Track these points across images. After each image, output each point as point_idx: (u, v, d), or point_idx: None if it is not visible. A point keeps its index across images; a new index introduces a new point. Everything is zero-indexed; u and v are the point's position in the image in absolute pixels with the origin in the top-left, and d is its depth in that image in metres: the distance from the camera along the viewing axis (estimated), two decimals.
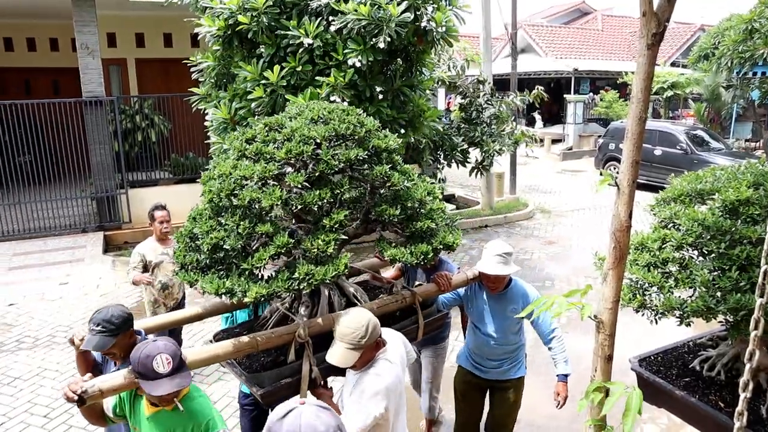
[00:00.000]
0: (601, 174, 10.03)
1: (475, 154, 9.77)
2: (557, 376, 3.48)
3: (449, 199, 12.25)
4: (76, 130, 9.34)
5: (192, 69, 7.25)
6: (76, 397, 2.10)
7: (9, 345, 6.15)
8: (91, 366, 2.88)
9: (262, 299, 2.42)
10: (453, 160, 8.83)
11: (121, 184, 9.63)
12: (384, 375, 2.50)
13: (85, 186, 9.90)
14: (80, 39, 9.20)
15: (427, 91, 7.41)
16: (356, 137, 2.71)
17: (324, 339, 2.68)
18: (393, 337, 2.75)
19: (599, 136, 17.39)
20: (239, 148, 2.67)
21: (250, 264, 2.44)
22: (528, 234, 10.30)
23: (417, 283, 3.39)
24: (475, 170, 9.80)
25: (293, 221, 2.76)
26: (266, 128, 2.75)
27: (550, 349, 3.53)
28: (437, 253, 2.87)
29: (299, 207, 2.54)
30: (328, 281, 2.51)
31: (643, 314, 2.96)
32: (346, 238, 2.76)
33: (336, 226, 2.56)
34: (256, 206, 2.47)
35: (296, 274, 2.43)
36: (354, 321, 2.48)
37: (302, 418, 1.62)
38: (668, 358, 3.30)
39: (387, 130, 6.23)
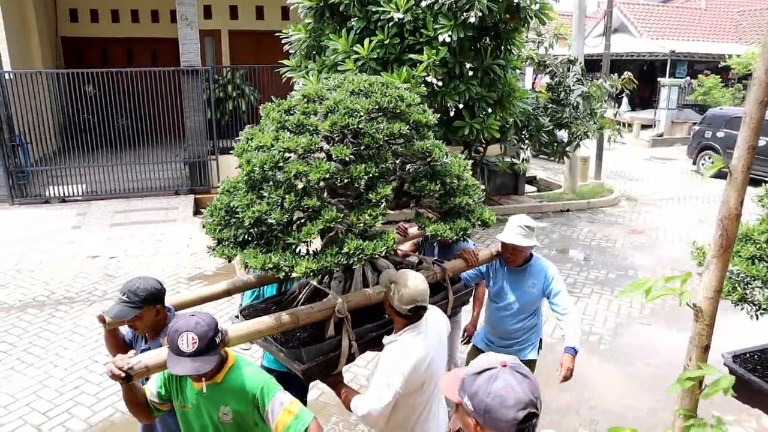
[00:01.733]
0: (694, 163, 9.59)
1: (560, 136, 9.52)
2: (566, 348, 3.35)
3: (531, 181, 12.00)
4: (172, 97, 9.85)
5: (283, 41, 7.45)
6: (123, 374, 2.00)
7: (111, 294, 6.68)
8: (120, 345, 2.78)
9: (312, 274, 2.37)
10: (538, 142, 8.63)
11: (212, 151, 10.11)
12: (406, 348, 2.45)
13: (179, 151, 10.46)
14: (180, 10, 9.63)
15: (516, 71, 7.27)
16: (397, 111, 2.64)
17: (360, 314, 2.64)
18: (434, 313, 2.70)
19: (694, 124, 16.39)
20: (278, 119, 2.57)
21: (297, 238, 2.39)
22: (612, 221, 9.95)
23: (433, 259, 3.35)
24: (558, 154, 9.56)
25: (327, 195, 2.68)
26: (305, 99, 2.65)
27: (561, 322, 3.45)
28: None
29: (345, 181, 2.48)
30: (376, 256, 2.47)
31: (742, 308, 2.84)
32: (391, 212, 2.74)
33: (382, 201, 2.52)
34: (303, 180, 2.39)
35: (345, 249, 2.38)
36: (406, 279, 2.44)
37: (495, 384, 1.48)
38: (767, 357, 3.15)
39: (475, 108, 6.30)
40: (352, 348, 2.56)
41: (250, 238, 2.48)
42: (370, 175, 2.47)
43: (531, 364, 3.62)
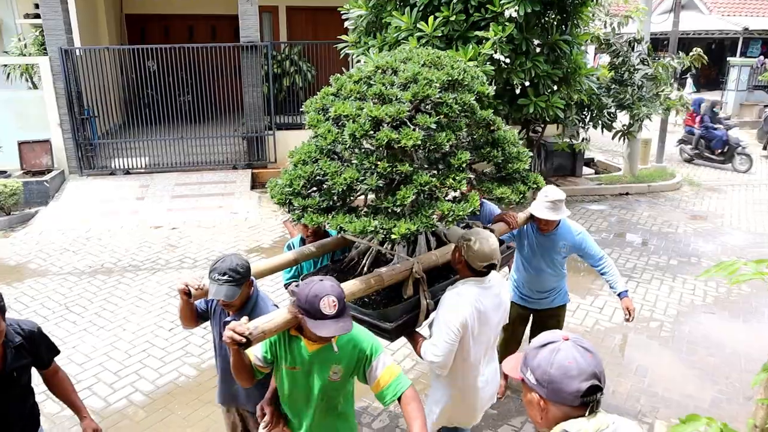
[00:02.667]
0: (764, 148, 9.08)
1: (621, 117, 9.20)
2: (620, 294, 3.77)
3: (588, 163, 11.68)
4: (231, 73, 10.00)
5: (343, 16, 7.42)
6: (244, 340, 2.07)
7: (173, 263, 6.93)
8: (194, 315, 2.85)
9: (410, 235, 2.51)
10: (599, 122, 8.37)
11: (269, 126, 10.24)
12: (463, 294, 2.60)
13: (237, 126, 10.65)
14: None
15: (581, 47, 7.04)
16: (465, 82, 2.77)
17: (429, 275, 2.81)
18: (502, 282, 2.87)
19: (766, 106, 15.54)
20: (356, 89, 2.68)
21: (391, 202, 2.50)
22: (673, 206, 9.60)
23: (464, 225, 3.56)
24: (619, 135, 9.24)
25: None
26: (379, 71, 2.75)
27: (603, 273, 3.80)
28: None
29: (431, 147, 2.63)
30: (466, 217, 2.65)
31: None
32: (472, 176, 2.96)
33: (464, 166, 2.67)
34: (395, 146, 2.49)
35: (438, 211, 2.54)
36: (483, 237, 2.58)
37: (558, 355, 1.50)
38: None
39: (540, 85, 6.15)
40: (429, 306, 2.74)
41: (333, 205, 2.64)
42: (451, 142, 2.61)
43: (563, 308, 4.08)
